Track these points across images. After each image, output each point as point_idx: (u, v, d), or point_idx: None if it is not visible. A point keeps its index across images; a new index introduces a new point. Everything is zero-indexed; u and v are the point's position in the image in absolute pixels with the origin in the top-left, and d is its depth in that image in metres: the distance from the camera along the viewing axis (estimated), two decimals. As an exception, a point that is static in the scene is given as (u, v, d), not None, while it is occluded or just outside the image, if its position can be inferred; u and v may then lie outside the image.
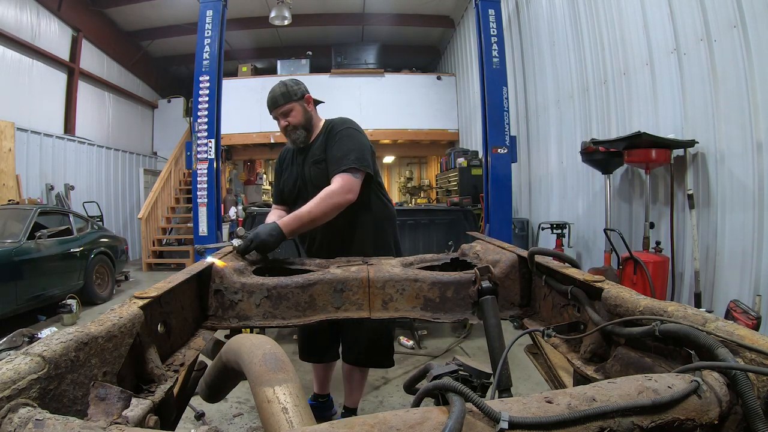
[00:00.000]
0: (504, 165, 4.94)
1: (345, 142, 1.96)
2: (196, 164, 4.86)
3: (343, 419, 0.57)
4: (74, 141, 8.39)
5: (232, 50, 10.15)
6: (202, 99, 4.88)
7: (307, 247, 2.13)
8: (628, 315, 0.91)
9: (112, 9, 9.13)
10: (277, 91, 2.01)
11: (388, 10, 9.33)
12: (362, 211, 2.01)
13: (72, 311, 4.86)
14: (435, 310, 1.43)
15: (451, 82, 9.82)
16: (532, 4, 5.99)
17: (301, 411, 0.75)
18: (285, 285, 1.39)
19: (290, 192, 2.14)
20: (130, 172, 10.40)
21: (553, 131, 5.52)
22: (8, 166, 6.63)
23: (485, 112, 5.04)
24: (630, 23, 3.99)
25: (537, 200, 6.07)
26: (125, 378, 0.87)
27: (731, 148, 3.00)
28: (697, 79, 3.25)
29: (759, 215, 2.80)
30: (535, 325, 1.36)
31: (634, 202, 4.02)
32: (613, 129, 4.25)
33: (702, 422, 0.62)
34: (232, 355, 0.95)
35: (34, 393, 0.62)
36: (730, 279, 3.01)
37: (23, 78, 7.23)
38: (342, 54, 9.80)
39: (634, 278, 3.30)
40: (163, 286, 1.09)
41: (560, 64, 5.28)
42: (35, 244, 4.75)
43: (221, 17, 4.94)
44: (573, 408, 0.59)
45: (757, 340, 0.69)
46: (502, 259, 1.50)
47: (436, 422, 0.55)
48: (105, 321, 0.83)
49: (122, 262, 6.63)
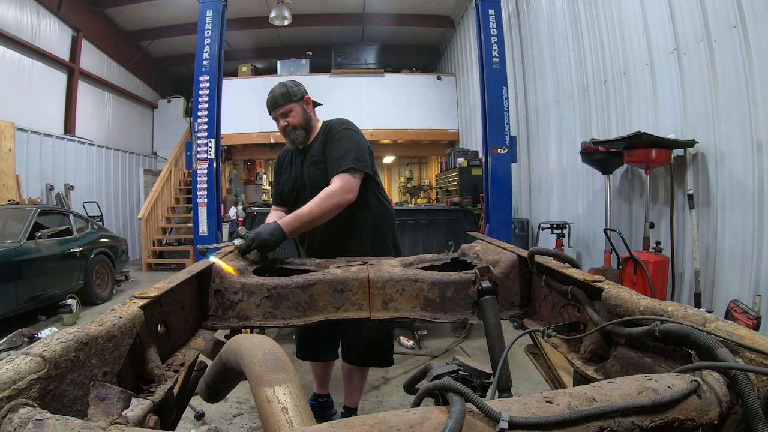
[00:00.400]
0: (504, 165, 4.94)
1: (343, 142, 1.98)
2: (196, 164, 4.86)
3: (343, 419, 0.57)
4: (74, 141, 8.38)
5: (232, 50, 10.16)
6: (202, 99, 4.88)
7: (307, 247, 2.14)
8: (628, 315, 0.91)
9: (112, 9, 9.13)
10: (277, 92, 2.03)
11: (388, 10, 9.33)
12: (361, 211, 2.02)
13: (72, 311, 4.86)
14: (435, 310, 1.43)
15: (451, 82, 9.82)
16: (532, 4, 5.99)
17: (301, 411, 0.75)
18: (285, 285, 1.39)
19: (289, 193, 2.15)
20: (130, 172, 10.40)
21: (553, 131, 5.52)
22: (8, 166, 6.63)
23: (485, 112, 5.04)
24: (630, 23, 3.99)
25: (537, 200, 6.07)
26: (125, 378, 0.87)
27: (731, 148, 3.00)
28: (697, 79, 3.25)
29: (759, 215, 2.80)
30: (535, 325, 1.36)
31: (634, 202, 4.02)
32: (613, 129, 4.25)
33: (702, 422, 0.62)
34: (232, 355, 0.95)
35: (34, 393, 0.62)
36: (730, 279, 3.01)
37: (23, 78, 7.23)
38: (342, 54, 9.80)
39: (634, 278, 3.30)
40: (163, 286, 1.09)
41: (560, 64, 5.28)
42: (35, 244, 4.75)
43: (221, 17, 4.94)
44: (573, 408, 0.59)
45: (757, 340, 0.69)
46: (502, 259, 1.50)
47: (436, 422, 0.55)
48: (105, 321, 0.83)
49: (122, 262, 6.63)
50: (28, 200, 6.73)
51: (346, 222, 1.99)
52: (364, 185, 1.98)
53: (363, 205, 2.01)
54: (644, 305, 0.89)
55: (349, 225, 2.02)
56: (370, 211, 2.07)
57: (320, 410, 2.47)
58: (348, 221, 1.99)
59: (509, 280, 1.47)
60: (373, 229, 2.08)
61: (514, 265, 1.47)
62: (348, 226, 2.02)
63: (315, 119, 2.14)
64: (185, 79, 10.67)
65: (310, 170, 2.05)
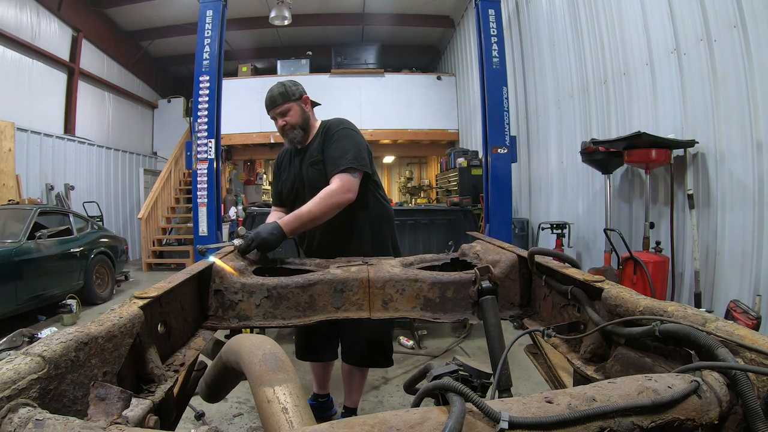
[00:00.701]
0: (504, 165, 4.94)
1: (342, 142, 1.98)
2: (196, 164, 4.86)
3: (343, 419, 0.57)
4: (74, 141, 8.38)
5: (232, 50, 10.15)
6: (202, 99, 4.88)
7: (306, 247, 2.14)
8: (628, 315, 0.91)
9: (112, 9, 9.13)
10: (276, 91, 2.03)
11: (388, 10, 9.33)
12: (360, 211, 2.02)
13: (72, 311, 4.86)
14: (435, 310, 1.43)
15: (451, 82, 9.82)
16: (532, 4, 5.99)
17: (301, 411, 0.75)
18: (285, 285, 1.39)
19: (288, 193, 2.15)
20: (130, 172, 10.40)
21: (553, 131, 5.52)
22: (8, 166, 6.63)
23: (485, 112, 5.04)
24: (630, 23, 3.99)
25: (537, 200, 6.07)
26: (125, 378, 0.87)
27: (731, 148, 3.00)
28: (697, 79, 3.25)
29: (759, 215, 2.80)
30: (535, 325, 1.36)
31: (634, 202, 4.02)
32: (613, 129, 4.25)
33: (702, 422, 0.62)
34: (232, 355, 0.95)
35: (34, 393, 0.62)
36: (730, 279, 3.01)
37: (23, 78, 7.22)
38: (342, 54, 9.80)
39: (634, 278, 3.30)
40: (163, 286, 1.09)
41: (560, 64, 5.28)
42: (35, 244, 4.75)
43: (221, 17, 4.94)
44: (573, 408, 0.59)
45: (757, 340, 0.69)
46: (502, 259, 1.50)
47: (436, 422, 0.55)
48: (105, 321, 0.83)
49: (122, 262, 6.63)
50: (28, 200, 6.74)
51: (346, 221, 1.99)
52: (363, 185, 1.99)
53: (362, 205, 2.02)
54: (644, 305, 0.89)
55: (349, 224, 2.02)
56: (369, 210, 2.07)
57: (320, 410, 2.47)
58: (347, 221, 1.99)
59: (509, 280, 1.47)
60: (372, 229, 2.08)
61: (514, 265, 1.47)
62: (347, 226, 2.02)
63: (313, 119, 2.14)
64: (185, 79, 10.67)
65: (308, 170, 2.05)
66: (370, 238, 2.07)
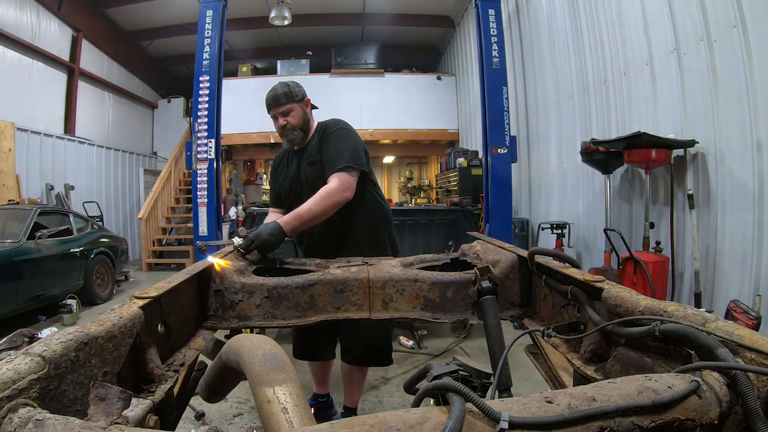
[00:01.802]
0: (504, 165, 4.93)
1: (339, 142, 2.00)
2: (196, 164, 4.86)
3: (343, 419, 0.57)
4: (74, 141, 8.38)
5: (232, 50, 10.15)
6: (202, 99, 4.88)
7: (305, 247, 2.15)
8: (628, 315, 0.91)
9: (112, 9, 9.13)
10: (279, 90, 2.05)
11: (388, 10, 9.33)
12: (358, 210, 2.04)
13: (72, 311, 4.86)
14: (435, 310, 1.43)
15: (451, 82, 9.81)
16: (532, 4, 5.98)
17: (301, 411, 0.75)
18: (285, 285, 1.39)
19: (287, 194, 2.17)
20: (130, 172, 10.40)
21: (553, 131, 5.52)
22: (8, 166, 6.63)
23: (485, 112, 5.04)
24: (630, 23, 3.99)
25: (537, 200, 6.07)
26: (125, 378, 0.87)
27: (731, 148, 3.00)
28: (697, 79, 3.25)
29: (759, 215, 2.80)
30: (535, 325, 1.36)
31: (634, 202, 4.02)
32: (613, 129, 4.25)
33: (702, 422, 0.62)
34: (232, 355, 0.95)
35: (34, 393, 0.62)
36: (730, 279, 3.01)
37: (23, 78, 7.23)
38: (342, 54, 9.80)
39: (634, 278, 3.30)
40: (163, 286, 1.09)
41: (560, 64, 5.28)
42: (35, 244, 4.75)
43: (221, 17, 4.94)
44: (573, 408, 0.59)
45: (757, 340, 0.69)
46: (502, 259, 1.50)
47: (436, 422, 0.55)
48: (105, 321, 0.83)
49: (122, 262, 6.63)
50: (28, 200, 6.74)
51: (343, 220, 2.00)
52: (360, 184, 2.01)
53: (359, 204, 2.03)
54: (644, 305, 0.89)
55: (347, 223, 2.04)
56: (366, 209, 2.09)
57: (320, 410, 2.47)
58: (345, 220, 2.01)
59: (509, 280, 1.47)
60: (369, 228, 2.10)
61: (514, 265, 1.47)
62: (345, 225, 2.04)
63: (312, 121, 2.17)
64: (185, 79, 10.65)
65: (306, 170, 2.06)
66: (367, 236, 2.08)
